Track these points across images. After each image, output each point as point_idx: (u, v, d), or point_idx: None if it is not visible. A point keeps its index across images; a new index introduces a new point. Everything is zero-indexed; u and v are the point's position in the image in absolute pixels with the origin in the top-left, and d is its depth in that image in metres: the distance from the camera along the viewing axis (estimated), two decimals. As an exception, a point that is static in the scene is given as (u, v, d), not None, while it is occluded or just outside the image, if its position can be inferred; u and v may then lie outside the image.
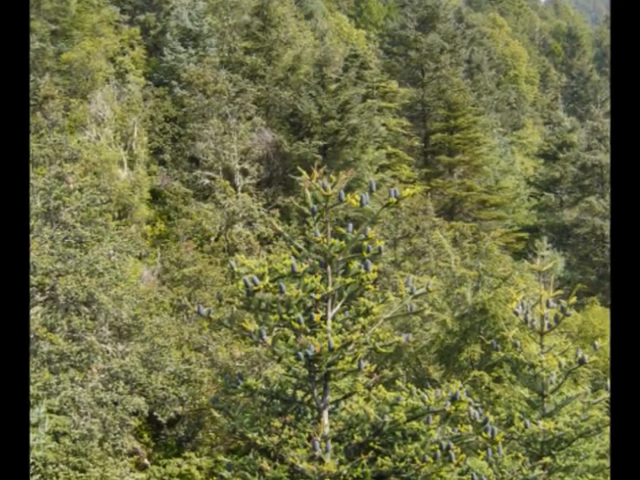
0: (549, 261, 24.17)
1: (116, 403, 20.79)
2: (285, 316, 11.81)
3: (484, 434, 12.57)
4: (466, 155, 45.32)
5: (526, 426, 13.47)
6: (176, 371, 22.98)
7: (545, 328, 14.20)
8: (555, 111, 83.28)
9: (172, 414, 23.07)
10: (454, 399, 12.22)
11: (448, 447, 11.95)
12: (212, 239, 33.08)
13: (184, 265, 28.86)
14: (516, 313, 14.51)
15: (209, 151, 35.69)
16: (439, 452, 11.89)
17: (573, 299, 13.92)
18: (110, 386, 21.12)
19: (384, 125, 42.66)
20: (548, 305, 14.29)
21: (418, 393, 12.40)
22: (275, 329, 12.28)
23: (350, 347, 11.89)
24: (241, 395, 12.94)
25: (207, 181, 35.60)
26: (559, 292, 15.03)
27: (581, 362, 13.89)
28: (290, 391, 12.59)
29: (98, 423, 20.19)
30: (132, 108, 36.52)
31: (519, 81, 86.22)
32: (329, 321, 12.16)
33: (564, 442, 13.72)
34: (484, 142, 47.77)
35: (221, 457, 19.63)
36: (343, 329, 12.10)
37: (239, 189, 35.47)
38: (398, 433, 12.23)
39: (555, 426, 13.48)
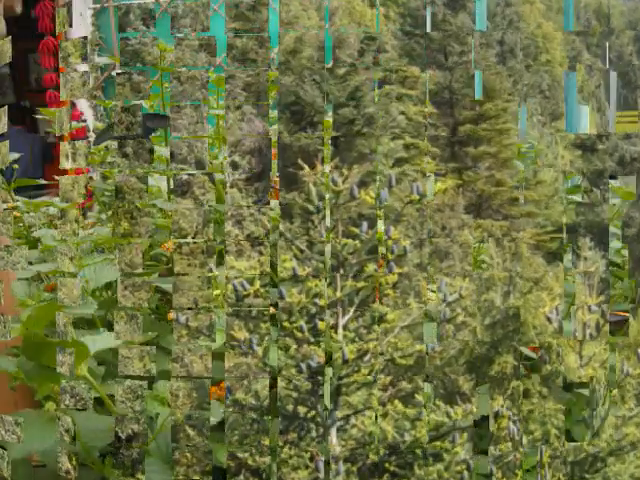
0: (591, 263, 23.95)
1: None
2: (286, 324, 11.61)
3: (520, 450, 12.33)
4: (494, 146, 45.35)
5: (562, 445, 13.23)
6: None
7: (586, 336, 13.99)
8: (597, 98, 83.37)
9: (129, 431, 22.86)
10: (497, 415, 11.99)
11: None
12: (190, 238, 33.20)
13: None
14: (549, 319, 14.30)
15: (182, 143, 35.90)
16: (466, 473, 11.65)
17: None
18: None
19: (403, 114, 42.76)
20: (590, 311, 14.06)
21: (442, 406, 12.18)
22: (266, 338, 12.07)
23: (366, 358, 11.69)
24: (230, 410, 12.74)
25: (185, 176, 35.86)
26: (601, 297, 14.79)
27: (626, 374, 13.64)
28: (290, 407, 12.38)
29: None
30: (75, 93, 36.61)
31: (553, 65, 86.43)
32: (340, 330, 11.96)
33: (600, 462, 13.49)
34: (515, 132, 47.80)
35: (196, 477, 19.47)
36: (357, 338, 11.90)
37: (227, 184, 35.68)
38: (418, 452, 12.01)
39: (594, 444, 13.24)
